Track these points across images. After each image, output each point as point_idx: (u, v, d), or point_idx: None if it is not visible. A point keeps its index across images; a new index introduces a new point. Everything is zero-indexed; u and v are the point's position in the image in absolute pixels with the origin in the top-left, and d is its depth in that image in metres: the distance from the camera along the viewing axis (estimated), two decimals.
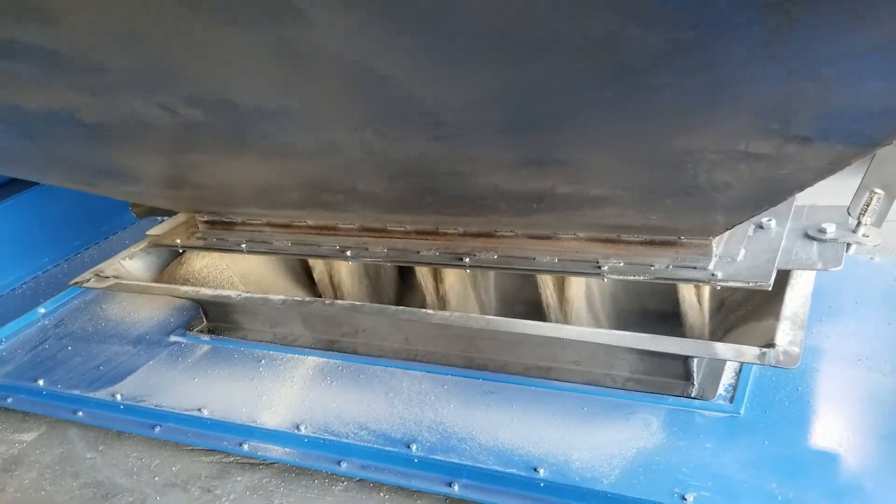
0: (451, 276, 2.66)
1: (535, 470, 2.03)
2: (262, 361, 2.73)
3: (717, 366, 2.23)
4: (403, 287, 3.11)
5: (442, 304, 2.72)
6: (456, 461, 2.12)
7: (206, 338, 2.95)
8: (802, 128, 1.22)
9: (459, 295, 2.69)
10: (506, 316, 2.37)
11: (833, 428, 2.00)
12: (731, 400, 2.14)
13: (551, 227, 2.15)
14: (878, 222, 1.97)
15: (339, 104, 1.50)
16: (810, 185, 1.46)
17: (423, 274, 2.68)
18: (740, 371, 2.24)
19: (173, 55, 1.43)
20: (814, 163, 1.32)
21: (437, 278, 2.66)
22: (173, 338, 2.98)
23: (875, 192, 1.93)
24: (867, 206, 1.95)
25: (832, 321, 2.44)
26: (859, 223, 2.00)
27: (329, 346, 2.75)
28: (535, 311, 2.63)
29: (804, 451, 1.93)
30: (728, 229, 1.90)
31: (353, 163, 1.77)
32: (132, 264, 3.05)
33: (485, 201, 1.92)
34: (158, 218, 4.30)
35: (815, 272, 2.12)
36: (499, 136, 1.49)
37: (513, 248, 2.27)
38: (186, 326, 3.04)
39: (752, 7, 0.97)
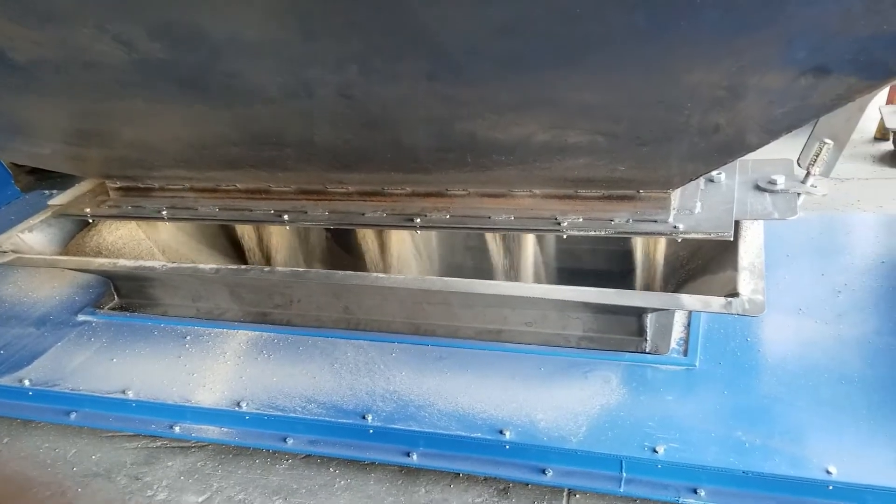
0: (396, 243, 2.55)
1: (501, 433, 1.96)
2: (188, 338, 2.54)
3: (666, 321, 2.24)
4: (338, 258, 2.97)
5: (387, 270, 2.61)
6: (416, 429, 2.03)
7: (119, 315, 2.72)
8: (824, 57, 1.20)
9: (404, 262, 2.58)
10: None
11: (786, 375, 2.04)
12: (685, 353, 2.15)
13: (507, 185, 2.08)
14: (827, 172, 2.02)
15: (331, 32, 1.35)
16: (800, 126, 1.45)
17: (366, 240, 2.56)
18: (689, 325, 2.26)
19: None
20: (818, 98, 1.31)
21: (382, 245, 2.55)
22: (82, 317, 2.73)
23: (824, 143, 1.97)
24: (816, 156, 1.99)
25: (769, 274, 2.49)
26: (808, 173, 2.05)
27: (261, 319, 2.59)
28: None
29: (763, 398, 1.96)
30: (691, 181, 1.89)
31: (320, 109, 1.63)
32: (32, 237, 2.76)
33: (449, 154, 1.82)
34: (46, 192, 3.96)
35: (762, 224, 2.16)
36: (499, 72, 1.40)
37: (466, 208, 2.19)
38: (95, 304, 2.79)
39: None
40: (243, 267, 2.35)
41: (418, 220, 2.19)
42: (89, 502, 2.22)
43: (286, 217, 2.33)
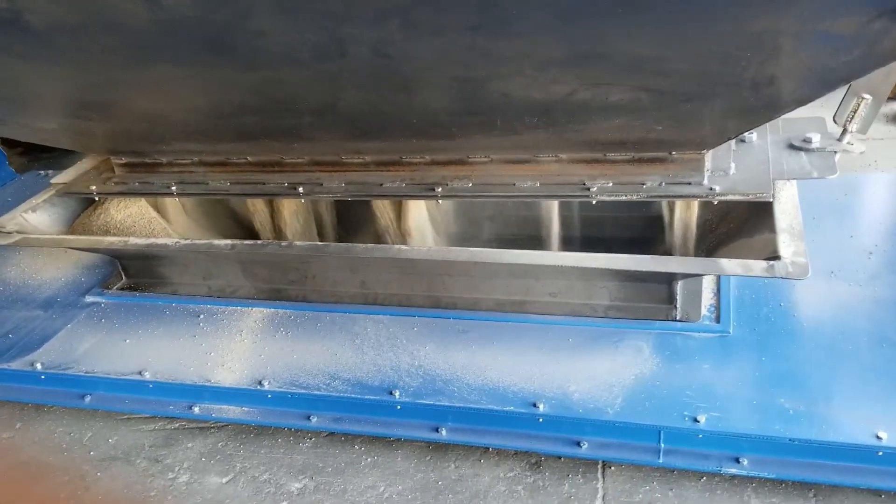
0: (414, 212, 2.47)
1: (535, 405, 1.91)
2: (201, 316, 2.46)
3: (695, 288, 2.18)
4: (350, 233, 2.90)
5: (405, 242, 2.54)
6: (446, 404, 1.98)
7: (129, 295, 2.64)
8: None
9: (422, 232, 2.51)
10: None
11: (825, 339, 1.98)
12: (718, 320, 2.09)
13: (534, 149, 2.01)
14: (864, 129, 1.95)
15: None
16: (859, 76, 1.38)
17: (382, 212, 2.48)
18: (718, 291, 2.20)
19: None
20: (890, 44, 1.23)
21: (398, 216, 2.47)
22: (90, 298, 2.66)
23: (863, 98, 1.89)
24: (854, 112, 1.92)
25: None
26: (845, 130, 1.97)
27: (275, 296, 2.52)
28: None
29: (803, 364, 1.91)
30: (729, 139, 1.82)
31: (351, 71, 1.54)
32: (36, 218, 2.67)
33: (477, 118, 1.74)
34: (42, 173, 3.86)
35: (795, 184, 2.09)
36: (551, 23, 1.31)
37: (488, 175, 2.12)
38: (103, 285, 2.71)
39: None
40: (260, 242, 2.27)
41: (439, 190, 2.12)
42: (109, 486, 2.16)
43: (301, 190, 2.26)
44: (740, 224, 2.15)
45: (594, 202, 1.99)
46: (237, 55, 1.55)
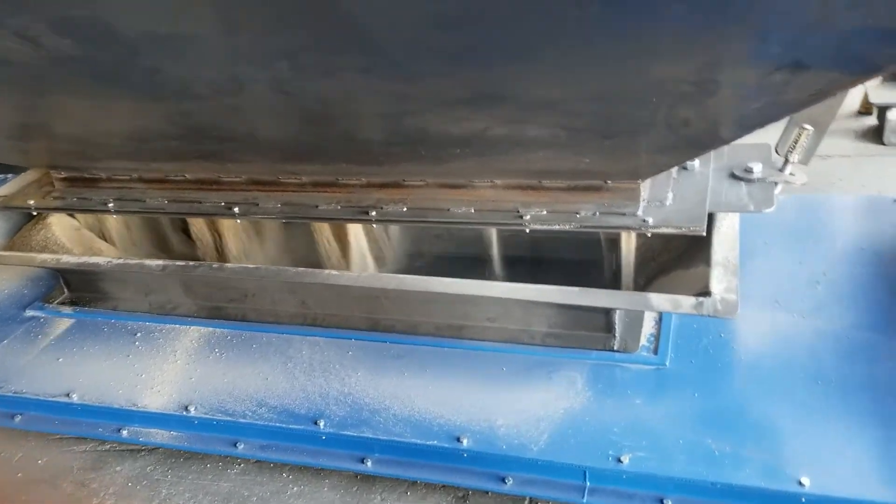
0: (354, 232, 2.42)
1: (458, 440, 1.86)
2: (138, 335, 2.42)
3: (636, 317, 2.13)
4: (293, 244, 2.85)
5: (344, 260, 2.49)
6: (369, 436, 1.93)
7: (69, 310, 2.59)
8: (800, 52, 1.07)
9: (360, 252, 2.46)
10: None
11: (761, 374, 1.94)
12: (656, 351, 2.05)
13: (467, 175, 1.96)
14: (806, 159, 1.90)
15: (254, 26, 1.20)
16: (776, 120, 1.33)
17: (321, 232, 2.43)
18: (661, 320, 2.15)
19: None
20: (795, 94, 1.18)
21: (340, 236, 2.42)
22: (30, 312, 2.61)
23: (804, 129, 1.84)
24: (795, 142, 1.87)
25: (744, 263, 2.38)
26: (787, 161, 1.92)
27: (215, 314, 2.47)
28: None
29: (735, 401, 1.86)
30: (662, 171, 1.77)
31: (256, 105, 1.49)
32: None
33: (401, 147, 1.69)
34: None
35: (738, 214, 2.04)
36: (444, 68, 1.26)
37: (423, 199, 2.06)
38: (44, 299, 2.67)
39: None
40: (192, 263, 2.22)
41: (374, 213, 2.06)
42: None
43: (236, 210, 2.20)
44: (679, 254, 2.09)
45: (527, 230, 1.93)
46: (135, 89, 1.49)
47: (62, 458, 2.28)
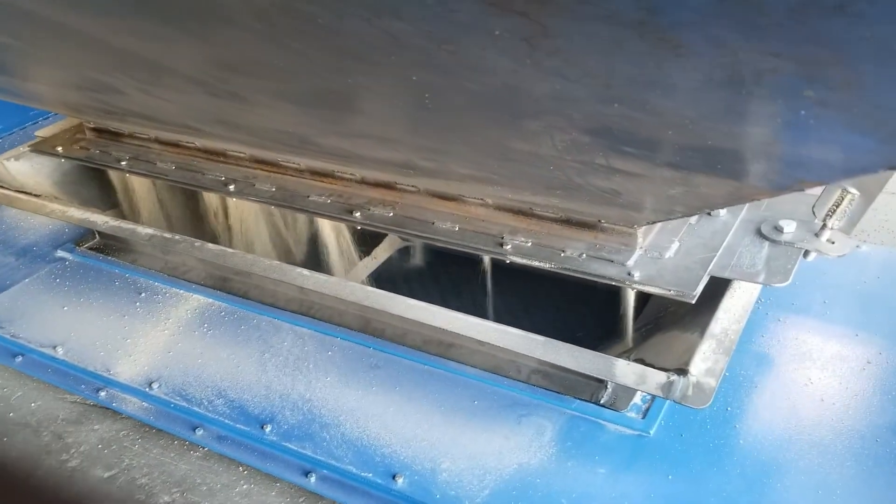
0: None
1: (394, 478, 1.71)
2: (142, 295, 2.40)
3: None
4: None
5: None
6: (308, 453, 1.81)
7: (93, 257, 2.62)
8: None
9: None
10: None
11: (757, 468, 1.65)
12: (645, 415, 1.79)
13: (457, 187, 1.76)
14: (849, 228, 1.56)
15: None
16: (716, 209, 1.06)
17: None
18: None
19: None
20: (749, 191, 0.92)
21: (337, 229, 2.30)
22: (60, 252, 2.66)
23: (847, 192, 1.51)
24: (836, 206, 1.54)
25: (792, 322, 2.05)
26: (824, 226, 1.59)
27: (220, 285, 2.41)
28: None
29: (712, 495, 1.60)
30: (651, 223, 1.50)
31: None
32: (17, 167, 2.69)
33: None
34: None
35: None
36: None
37: (411, 207, 1.89)
38: (77, 241, 2.71)
39: None
40: (178, 237, 2.16)
41: (358, 215, 1.91)
42: (5, 454, 2.17)
43: (232, 188, 2.12)
44: (683, 311, 1.81)
45: (507, 261, 1.72)
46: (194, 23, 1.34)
47: (53, 406, 2.31)
